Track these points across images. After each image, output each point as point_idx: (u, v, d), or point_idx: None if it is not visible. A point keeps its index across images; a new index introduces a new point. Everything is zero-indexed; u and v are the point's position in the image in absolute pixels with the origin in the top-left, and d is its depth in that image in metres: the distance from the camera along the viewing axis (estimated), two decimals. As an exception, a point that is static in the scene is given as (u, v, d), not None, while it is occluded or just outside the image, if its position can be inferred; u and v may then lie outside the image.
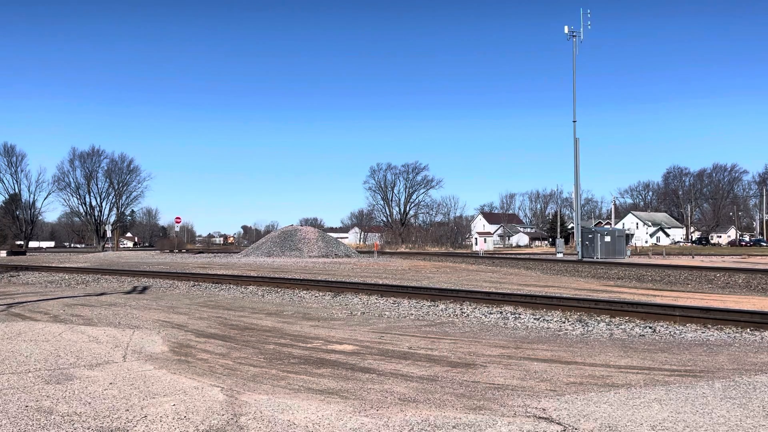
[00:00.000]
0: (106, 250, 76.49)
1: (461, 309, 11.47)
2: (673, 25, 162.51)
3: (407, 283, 18.19)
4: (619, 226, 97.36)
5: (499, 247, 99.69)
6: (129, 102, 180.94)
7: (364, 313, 11.04)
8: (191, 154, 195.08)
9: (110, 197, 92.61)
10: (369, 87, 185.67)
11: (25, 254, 58.22)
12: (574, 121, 41.55)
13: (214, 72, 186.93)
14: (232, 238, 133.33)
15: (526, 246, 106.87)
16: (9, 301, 12.58)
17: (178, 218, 71.55)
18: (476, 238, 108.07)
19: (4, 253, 55.24)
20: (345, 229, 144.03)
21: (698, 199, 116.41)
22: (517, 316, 10.55)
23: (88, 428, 3.87)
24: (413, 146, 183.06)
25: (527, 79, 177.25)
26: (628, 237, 45.32)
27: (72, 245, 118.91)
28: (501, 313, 10.95)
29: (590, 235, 39.03)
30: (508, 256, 49.83)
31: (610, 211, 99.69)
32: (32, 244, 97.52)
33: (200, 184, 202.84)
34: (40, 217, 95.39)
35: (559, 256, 43.77)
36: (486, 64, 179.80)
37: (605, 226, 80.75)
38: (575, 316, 10.38)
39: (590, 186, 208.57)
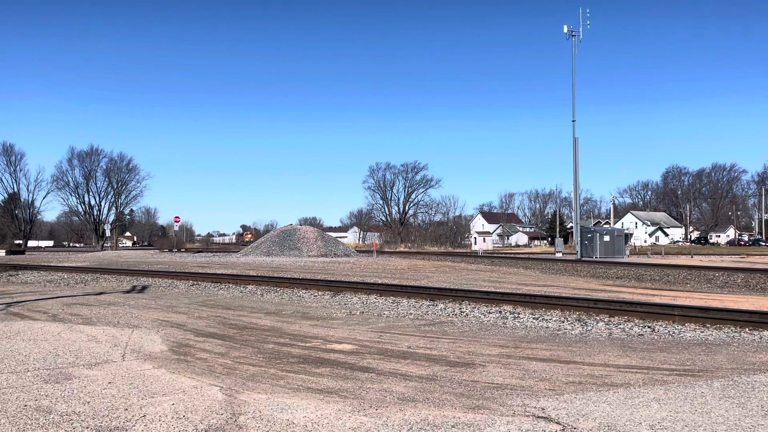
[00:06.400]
0: (105, 250, 76.41)
1: (460, 308, 11.47)
2: (673, 25, 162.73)
3: (406, 283, 18.19)
4: (618, 225, 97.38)
5: (498, 247, 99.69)
6: (128, 101, 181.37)
7: (363, 312, 11.04)
8: (190, 153, 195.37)
9: (109, 196, 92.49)
10: (369, 87, 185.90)
11: (23, 253, 58.13)
12: (573, 121, 41.60)
13: (214, 72, 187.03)
14: (249, 235, 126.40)
15: (525, 245, 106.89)
16: (8, 301, 12.57)
17: (177, 217, 71.34)
18: (475, 238, 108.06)
19: (2, 253, 55.17)
20: (344, 228, 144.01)
21: (697, 198, 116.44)
22: (516, 315, 10.55)
23: (87, 427, 3.86)
24: (412, 146, 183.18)
25: (527, 79, 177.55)
26: (627, 236, 45.35)
27: (71, 244, 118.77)
28: (500, 312, 10.95)
29: (589, 235, 39.05)
30: (507, 255, 49.85)
31: (609, 211, 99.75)
32: (31, 243, 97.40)
33: (199, 184, 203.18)
34: (38, 217, 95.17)
35: (558, 255, 43.78)
36: (486, 64, 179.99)
37: (604, 226, 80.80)
38: (574, 316, 10.38)
39: (589, 185, 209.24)
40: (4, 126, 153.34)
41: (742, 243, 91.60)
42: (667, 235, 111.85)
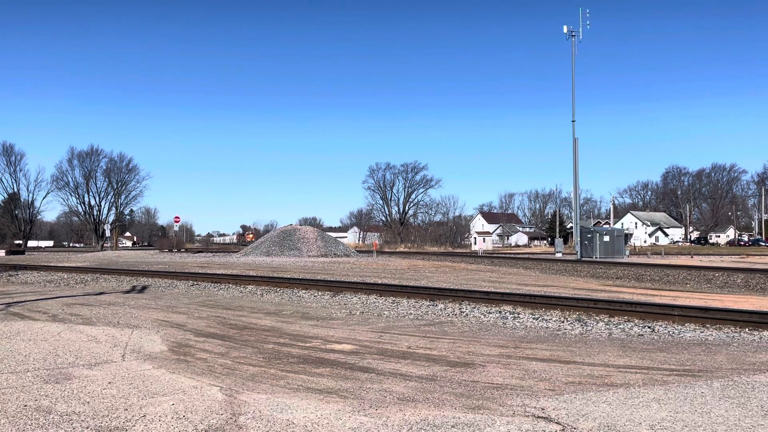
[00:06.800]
0: (104, 250, 76.40)
1: (460, 308, 11.47)
2: (673, 25, 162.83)
3: (406, 283, 18.18)
4: (617, 225, 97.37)
5: (498, 247, 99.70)
6: (128, 101, 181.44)
7: (363, 312, 11.04)
8: (190, 153, 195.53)
9: (109, 196, 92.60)
10: (369, 87, 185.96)
11: (23, 253, 58.13)
12: (573, 121, 41.60)
13: (213, 72, 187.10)
14: (251, 235, 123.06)
15: (525, 246, 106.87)
16: (8, 301, 12.57)
17: (177, 218, 71.41)
18: (475, 238, 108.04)
19: (2, 253, 55.16)
20: (344, 228, 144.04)
21: (697, 198, 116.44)
22: (516, 315, 10.55)
23: (87, 428, 3.86)
24: (412, 146, 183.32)
25: (527, 79, 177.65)
26: (627, 237, 45.35)
27: (71, 245, 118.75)
28: (500, 312, 10.95)
29: (589, 235, 39.04)
30: (507, 255, 49.85)
31: (609, 211, 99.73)
32: (31, 243, 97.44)
33: (199, 184, 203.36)
34: (38, 217, 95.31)
35: (558, 255, 43.79)
36: (485, 64, 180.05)
37: (604, 226, 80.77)
38: (574, 316, 10.38)
39: (589, 186, 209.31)
40: (4, 126, 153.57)
41: (742, 243, 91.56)
42: (666, 235, 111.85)
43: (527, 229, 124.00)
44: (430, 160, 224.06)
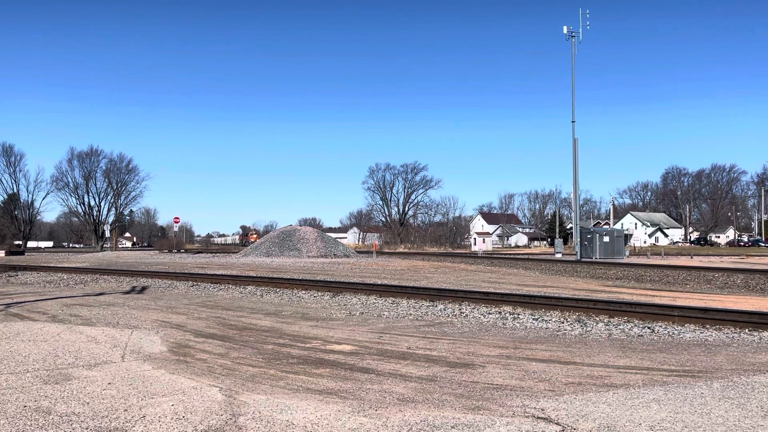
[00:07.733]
0: (104, 250, 76.39)
1: (460, 309, 11.47)
2: (673, 25, 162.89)
3: (406, 283, 18.18)
4: (617, 226, 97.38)
5: (497, 247, 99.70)
6: (128, 102, 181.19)
7: (362, 313, 11.04)
8: (190, 154, 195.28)
9: (109, 197, 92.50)
10: (369, 87, 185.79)
11: (23, 254, 58.13)
12: (572, 122, 41.60)
13: (214, 72, 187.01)
14: (255, 236, 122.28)
15: (524, 246, 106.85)
16: (7, 301, 12.56)
17: (177, 218, 71.30)
18: (475, 239, 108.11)
19: (2, 253, 55.15)
20: (344, 229, 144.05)
21: (697, 199, 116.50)
22: (515, 316, 10.55)
23: (87, 428, 3.86)
24: (412, 146, 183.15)
25: (527, 79, 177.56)
26: (627, 237, 45.40)
27: (70, 245, 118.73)
28: (500, 313, 10.95)
29: (589, 236, 39.06)
30: (506, 256, 49.84)
31: (609, 212, 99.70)
32: (30, 243, 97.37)
33: (199, 184, 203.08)
34: (38, 217, 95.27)
35: (558, 256, 43.80)
36: (485, 65, 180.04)
37: (604, 227, 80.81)
38: (574, 317, 10.38)
39: (589, 186, 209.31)
40: (4, 126, 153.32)
41: (742, 244, 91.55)
42: (666, 235, 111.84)
43: (527, 230, 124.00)
44: (430, 161, 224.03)
